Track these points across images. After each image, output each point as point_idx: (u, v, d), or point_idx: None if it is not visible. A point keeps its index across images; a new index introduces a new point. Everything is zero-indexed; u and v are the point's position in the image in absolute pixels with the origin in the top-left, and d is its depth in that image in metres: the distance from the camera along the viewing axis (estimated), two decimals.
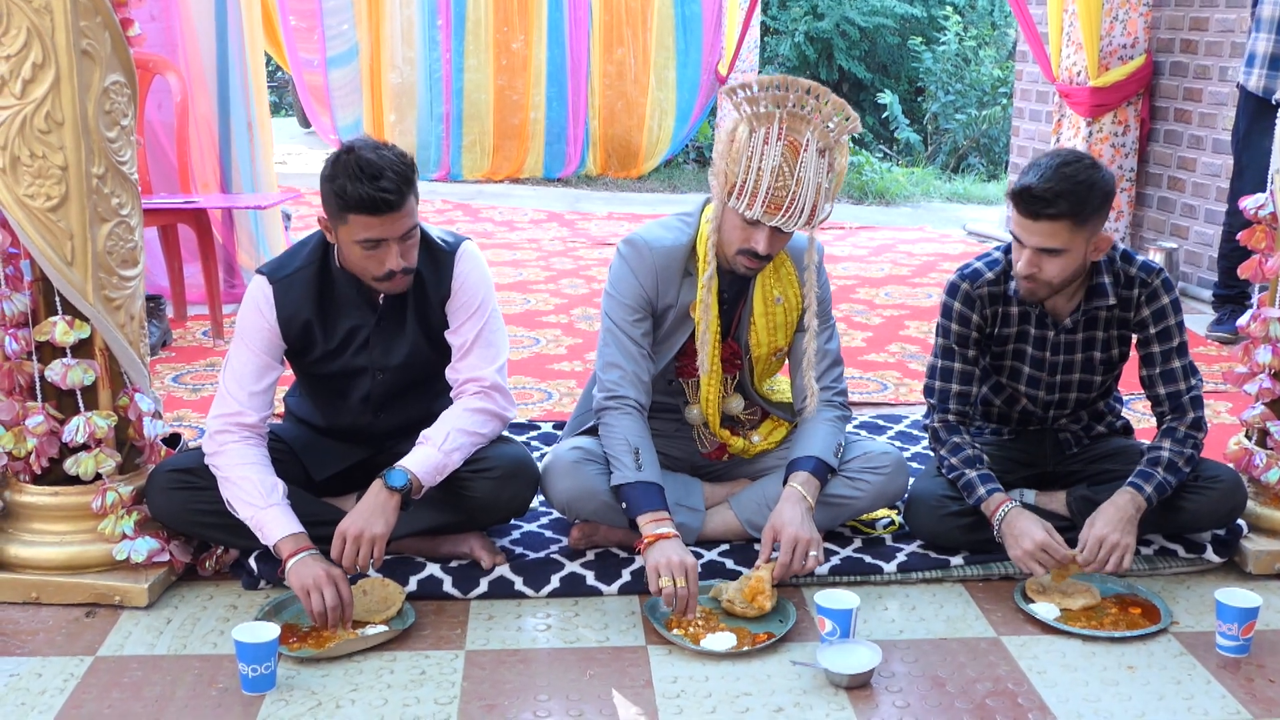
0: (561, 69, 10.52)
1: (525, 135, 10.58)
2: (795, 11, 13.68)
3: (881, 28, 13.86)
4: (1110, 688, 2.60)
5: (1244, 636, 2.71)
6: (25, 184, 2.75)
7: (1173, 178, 6.35)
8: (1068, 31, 6.44)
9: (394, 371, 3.03)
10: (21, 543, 2.93)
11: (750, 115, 2.76)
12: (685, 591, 2.74)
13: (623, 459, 2.90)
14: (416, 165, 2.85)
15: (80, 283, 2.82)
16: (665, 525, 2.83)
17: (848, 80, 13.90)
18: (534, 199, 9.54)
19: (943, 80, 13.42)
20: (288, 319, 2.93)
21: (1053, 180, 2.79)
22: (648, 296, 2.99)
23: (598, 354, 3.05)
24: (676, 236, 3.01)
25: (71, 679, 2.59)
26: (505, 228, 8.11)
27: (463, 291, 2.98)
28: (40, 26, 2.69)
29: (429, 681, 2.60)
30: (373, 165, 2.71)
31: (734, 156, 2.78)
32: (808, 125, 2.75)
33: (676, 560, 2.76)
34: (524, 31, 10.41)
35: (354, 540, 2.76)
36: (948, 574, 3.07)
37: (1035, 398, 3.19)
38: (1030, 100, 7.48)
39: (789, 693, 2.57)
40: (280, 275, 2.95)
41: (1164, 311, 3.03)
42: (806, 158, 2.75)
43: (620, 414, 2.95)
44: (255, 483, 2.82)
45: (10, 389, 2.91)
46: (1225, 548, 3.12)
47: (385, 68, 10.40)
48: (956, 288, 3.10)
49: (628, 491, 2.88)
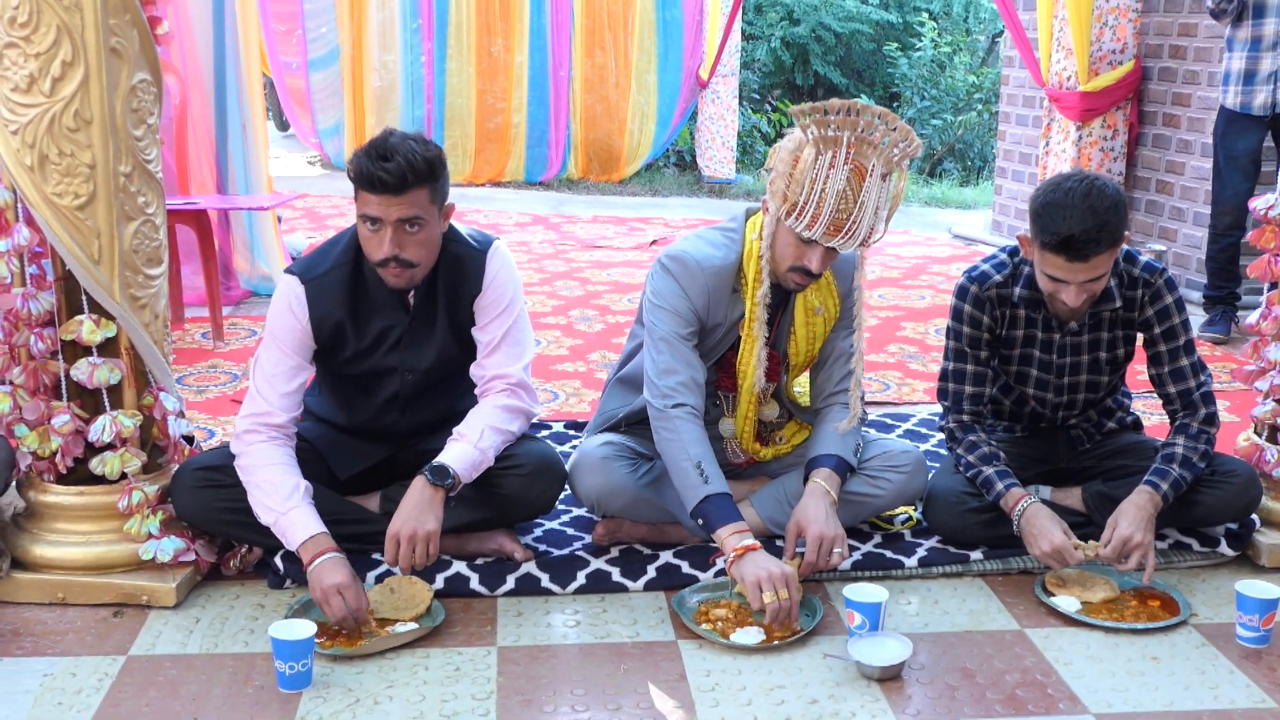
0: (543, 72, 10.53)
1: (507, 139, 10.58)
2: (771, 17, 13.75)
3: (857, 34, 13.95)
4: (1137, 678, 2.64)
5: (1265, 627, 2.76)
6: (53, 182, 2.74)
7: (1161, 181, 6.43)
8: (1057, 37, 6.52)
9: (423, 372, 3.04)
10: (46, 543, 2.92)
11: (818, 138, 2.74)
12: (790, 602, 2.74)
13: (687, 475, 2.86)
14: (442, 166, 2.86)
15: (107, 281, 2.82)
16: (748, 537, 2.81)
17: (823, 85, 13.98)
18: (517, 202, 9.55)
19: (918, 86, 13.53)
20: (320, 319, 2.93)
21: (1088, 220, 2.79)
22: (698, 313, 2.99)
23: (647, 361, 3.01)
24: (725, 255, 3.01)
25: (106, 678, 2.59)
26: (491, 231, 8.08)
27: (493, 289, 3.00)
28: (70, 24, 2.69)
29: (464, 678, 2.61)
30: (387, 147, 2.75)
31: (798, 178, 2.77)
32: (874, 150, 2.74)
33: (778, 573, 2.74)
34: (505, 35, 10.42)
35: (409, 541, 2.76)
36: (968, 568, 3.11)
37: (1044, 399, 3.23)
38: (1017, 105, 7.56)
39: (822, 685, 2.60)
40: (312, 275, 2.96)
41: (1168, 311, 3.08)
42: (871, 182, 2.75)
43: (684, 421, 2.91)
44: (277, 485, 2.82)
45: (35, 388, 2.90)
46: (1238, 541, 3.17)
47: (366, 70, 10.38)
48: (966, 290, 3.13)
49: (700, 509, 2.85)
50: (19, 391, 2.88)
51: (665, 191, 10.50)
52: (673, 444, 2.90)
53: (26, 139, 2.72)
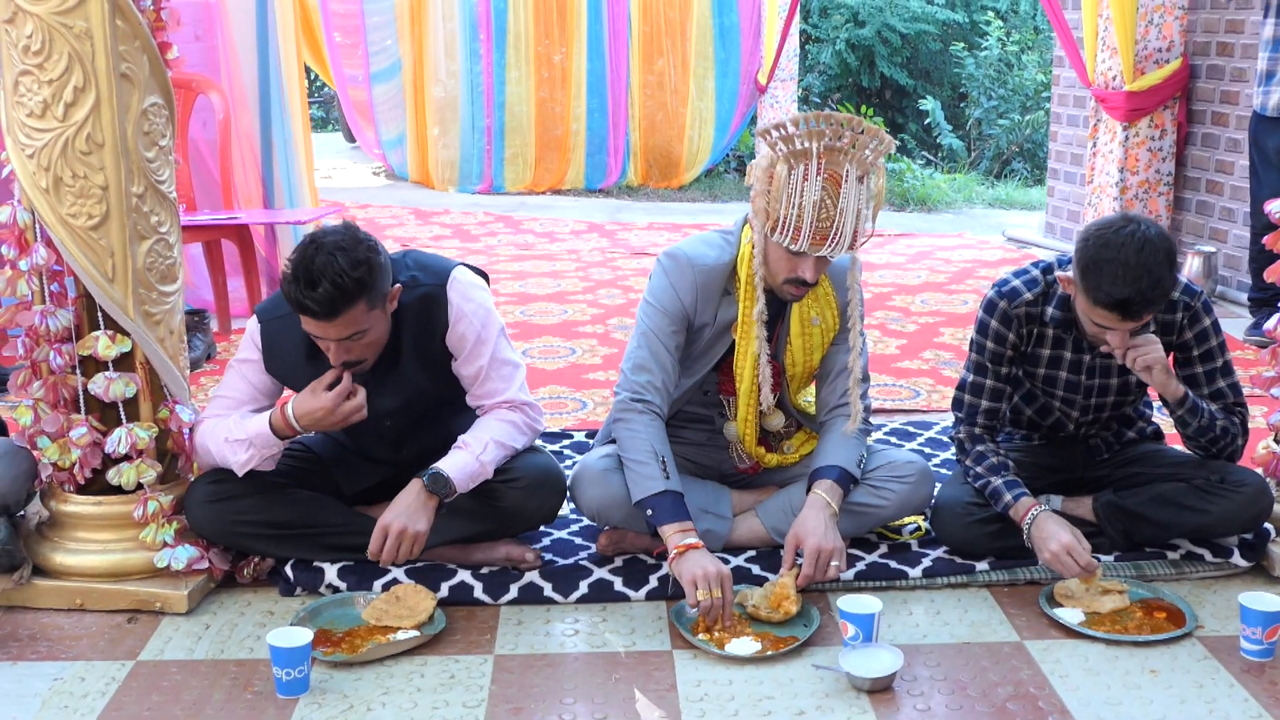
0: (601, 80, 10.59)
1: (566, 147, 10.66)
2: (836, 19, 13.67)
3: (923, 34, 13.82)
4: (1132, 691, 2.62)
5: (1268, 640, 2.72)
6: (68, 203, 2.84)
7: (1211, 181, 6.32)
8: (1103, 36, 6.43)
9: (400, 415, 3.06)
10: (66, 551, 3.02)
11: (788, 153, 2.77)
12: (722, 600, 2.79)
13: (648, 465, 2.93)
14: (374, 271, 2.76)
15: (121, 299, 2.91)
16: (692, 535, 2.87)
17: (890, 87, 13.88)
18: (575, 210, 9.62)
19: (985, 86, 13.38)
20: (275, 363, 2.99)
21: (1142, 282, 2.71)
22: (686, 311, 3.03)
23: (627, 356, 3.08)
24: (719, 255, 3.04)
25: (113, 683, 2.67)
26: (546, 239, 8.19)
27: (460, 322, 2.97)
28: (81, 52, 2.78)
29: (458, 685, 2.66)
30: (313, 272, 2.68)
31: (775, 194, 2.79)
32: (845, 156, 2.76)
33: (713, 571, 2.79)
34: (564, 44, 10.50)
35: (396, 535, 2.82)
36: (973, 579, 3.09)
37: (1069, 414, 3.19)
38: (1069, 105, 7.46)
39: (811, 696, 2.61)
40: (270, 317, 3.00)
41: (1206, 334, 3.03)
42: (847, 188, 2.77)
43: (646, 417, 2.99)
44: (233, 419, 2.95)
45: (55, 402, 3.00)
46: (1252, 552, 3.12)
47: (428, 82, 10.51)
48: (995, 305, 3.09)
49: (656, 501, 2.91)
50: (40, 405, 2.99)
51: (725, 197, 10.50)
52: (635, 436, 2.96)
53: (42, 162, 2.82)
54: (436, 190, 10.48)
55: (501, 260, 7.42)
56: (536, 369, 5.05)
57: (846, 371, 3.10)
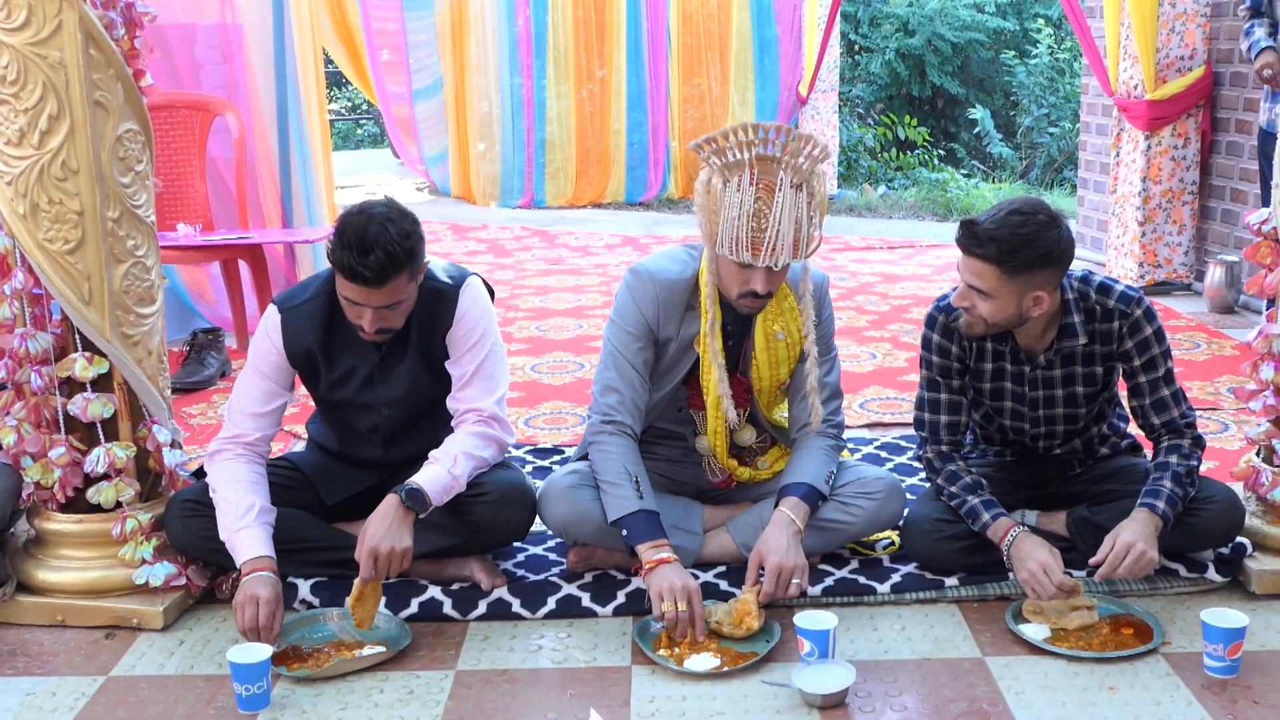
0: (642, 94, 10.63)
1: (607, 160, 10.71)
2: (886, 29, 13.61)
3: (973, 42, 13.72)
4: (1087, 709, 2.60)
5: (1230, 657, 2.68)
6: (44, 229, 2.92)
7: (1235, 190, 6.21)
8: (1124, 44, 6.35)
9: (398, 405, 3.13)
10: (49, 568, 3.10)
11: (721, 166, 2.81)
12: (688, 615, 2.81)
13: (621, 485, 2.96)
14: (419, 241, 2.92)
15: (98, 321, 2.98)
16: (665, 550, 2.89)
17: (941, 96, 13.78)
18: (613, 224, 9.66)
19: (1035, 94, 13.26)
20: (293, 348, 3.06)
21: (994, 223, 2.80)
22: (650, 326, 3.05)
23: (596, 378, 3.12)
24: (682, 269, 3.06)
25: (83, 698, 2.74)
26: (579, 253, 8.23)
27: (463, 324, 3.07)
28: (55, 81, 2.85)
29: (415, 700, 2.70)
30: (367, 240, 2.79)
31: (711, 207, 2.83)
32: (778, 165, 2.79)
33: (680, 585, 2.82)
34: (605, 58, 10.55)
35: (386, 557, 2.85)
36: (942, 594, 3.08)
37: (1021, 430, 3.18)
38: (1097, 114, 7.37)
39: (763, 713, 2.61)
40: (289, 305, 3.09)
41: (1147, 342, 3.00)
42: (782, 196, 2.79)
43: (617, 439, 3.02)
44: (234, 504, 2.95)
45: (37, 422, 3.08)
46: (1228, 567, 3.08)
47: (471, 98, 10.61)
48: (935, 320, 3.10)
49: (630, 520, 2.94)
50: (23, 425, 3.07)
51: None
52: (608, 457, 2.99)
53: (19, 189, 2.90)
54: (478, 205, 10.58)
55: (529, 275, 7.47)
56: (542, 384, 5.09)
57: (820, 388, 3.11)
